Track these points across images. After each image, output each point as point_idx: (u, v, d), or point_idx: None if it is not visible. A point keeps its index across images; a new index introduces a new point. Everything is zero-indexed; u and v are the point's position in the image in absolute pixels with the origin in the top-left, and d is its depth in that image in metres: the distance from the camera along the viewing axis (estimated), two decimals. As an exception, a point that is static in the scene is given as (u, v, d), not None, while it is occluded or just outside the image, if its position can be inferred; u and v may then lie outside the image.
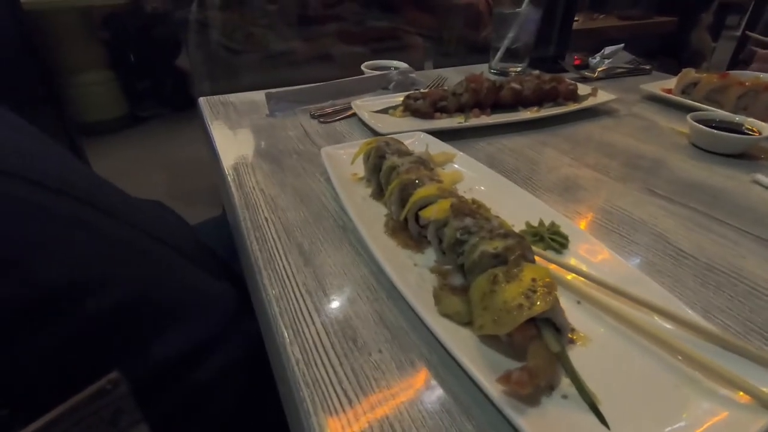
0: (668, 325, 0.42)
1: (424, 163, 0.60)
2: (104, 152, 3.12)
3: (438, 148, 0.78)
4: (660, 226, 0.63)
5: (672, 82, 1.18)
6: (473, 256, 0.43)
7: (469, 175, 0.71)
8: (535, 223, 0.58)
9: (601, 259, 0.51)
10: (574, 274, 0.49)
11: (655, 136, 0.96)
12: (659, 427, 0.34)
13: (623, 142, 0.92)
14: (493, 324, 0.38)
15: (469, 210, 0.47)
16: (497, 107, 1.01)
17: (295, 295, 0.50)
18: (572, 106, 1.04)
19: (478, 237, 0.44)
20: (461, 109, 0.99)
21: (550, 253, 0.53)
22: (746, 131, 0.85)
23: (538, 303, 0.37)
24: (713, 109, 0.98)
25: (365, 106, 1.03)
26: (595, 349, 0.41)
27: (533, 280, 0.39)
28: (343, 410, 0.37)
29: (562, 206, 0.68)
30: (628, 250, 0.58)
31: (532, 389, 0.34)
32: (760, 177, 0.74)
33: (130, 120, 3.56)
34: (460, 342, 0.40)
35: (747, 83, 1.00)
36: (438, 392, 0.39)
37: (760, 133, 0.83)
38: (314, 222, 0.63)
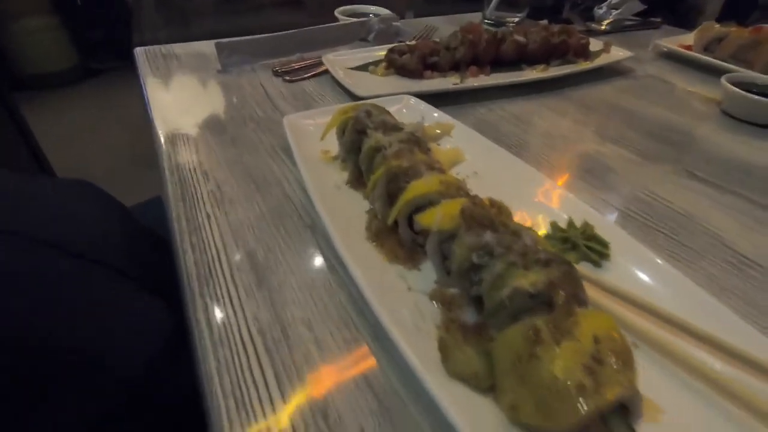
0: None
1: (418, 142, 0.45)
2: (52, 109, 2.79)
3: (431, 117, 0.62)
4: (711, 222, 0.50)
5: (689, 38, 1.03)
6: (501, 294, 0.29)
7: (470, 152, 0.56)
8: (562, 223, 0.44)
9: (658, 279, 0.38)
10: (624, 302, 0.36)
11: (679, 102, 0.82)
12: None
13: (644, 109, 0.78)
14: (537, 411, 0.25)
15: (489, 219, 0.33)
16: (497, 64, 0.85)
17: (241, 337, 0.35)
18: (584, 65, 0.88)
19: (506, 262, 0.30)
20: (456, 67, 0.82)
21: (585, 268, 0.39)
22: (789, 97, 0.72)
23: (612, 385, 0.24)
24: (743, 70, 0.85)
25: (340, 61, 0.84)
26: (671, 425, 0.29)
27: (595, 340, 0.25)
28: None
29: (588, 194, 0.54)
30: (679, 257, 0.45)
31: None
32: (812, 154, 0.62)
33: (82, 73, 3.20)
34: (483, 423, 0.27)
35: (783, 39, 0.86)
36: (450, 504, 0.26)
37: (807, 100, 0.70)
38: (272, 220, 0.48)
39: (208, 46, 0.92)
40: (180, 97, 0.75)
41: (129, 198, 0.77)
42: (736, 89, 0.72)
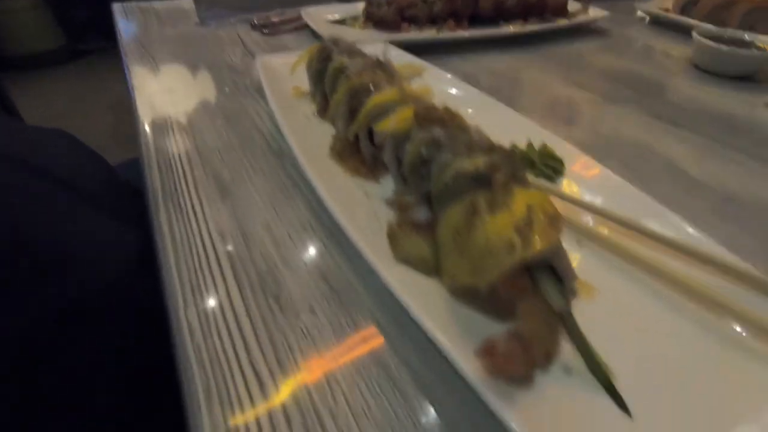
0: (697, 271, 0.32)
1: (382, 66, 0.45)
2: (38, 89, 2.75)
3: (403, 60, 0.63)
4: (666, 153, 0.52)
5: (669, 1, 1.05)
6: (444, 178, 0.31)
7: (442, 91, 0.57)
8: (522, 146, 0.46)
9: (607, 188, 0.40)
10: (573, 205, 0.37)
11: (654, 58, 0.83)
12: (699, 411, 0.24)
13: (619, 64, 0.80)
14: (471, 272, 0.27)
15: (439, 118, 0.34)
16: (475, 20, 0.86)
17: (201, 240, 0.36)
18: (561, 23, 0.89)
19: (451, 152, 0.32)
20: (433, 21, 0.83)
21: (542, 182, 0.41)
22: (757, 49, 0.74)
23: (536, 240, 0.25)
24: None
25: (319, 15, 0.85)
26: (603, 302, 0.30)
27: (528, 208, 0.27)
28: (251, 398, 0.25)
29: (552, 130, 0.56)
30: (633, 179, 0.47)
31: (526, 367, 0.23)
32: (774, 100, 0.64)
33: (68, 54, 3.15)
34: (424, 299, 0.29)
35: (756, -2, 0.88)
36: (391, 369, 0.28)
37: (773, 51, 0.72)
38: (241, 146, 0.49)
39: (187, 2, 0.92)
40: (156, 49, 0.75)
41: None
42: (706, 40, 0.73)
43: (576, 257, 0.34)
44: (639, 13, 1.04)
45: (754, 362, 0.26)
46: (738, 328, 0.28)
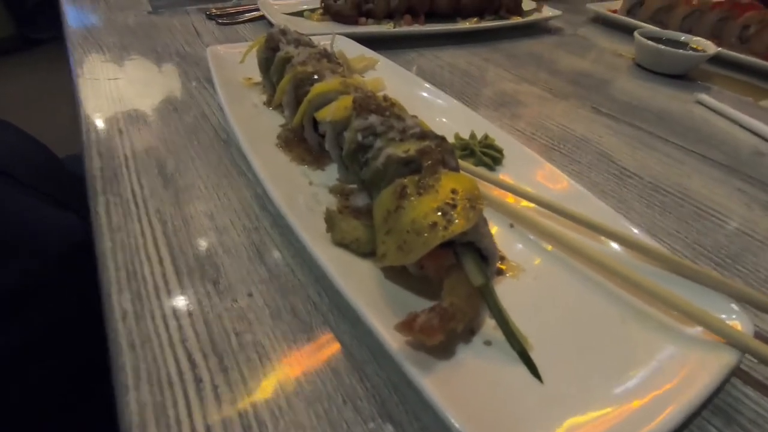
0: (614, 250, 0.34)
1: (328, 56, 0.46)
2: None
3: (357, 52, 0.64)
4: (604, 145, 0.55)
5: (618, 3, 1.10)
6: (377, 163, 0.32)
7: (394, 84, 0.58)
8: (466, 136, 0.47)
9: (541, 176, 0.42)
10: (508, 194, 0.39)
11: (600, 56, 0.87)
12: (603, 378, 0.26)
13: (567, 61, 0.83)
14: (398, 251, 0.28)
15: (377, 106, 0.35)
16: (432, 16, 0.87)
17: (140, 226, 0.36)
18: (515, 20, 0.92)
19: (386, 139, 0.33)
20: (390, 15, 0.84)
21: (482, 171, 0.43)
22: (692, 50, 0.79)
23: (458, 221, 0.26)
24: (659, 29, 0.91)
25: (275, 6, 0.84)
26: (528, 280, 0.32)
27: (453, 192, 0.28)
28: (182, 381, 0.26)
29: (498, 122, 0.58)
30: (570, 169, 0.50)
31: (444, 336, 0.25)
32: (704, 97, 0.69)
33: (19, 43, 2.97)
34: (357, 278, 0.30)
35: (694, 2, 0.93)
36: (325, 347, 0.29)
37: (705, 51, 0.77)
38: (187, 135, 0.48)
39: (139, -11, 0.89)
40: (104, 36, 0.73)
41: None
42: (644, 39, 0.77)
43: (507, 238, 0.36)
44: (590, 13, 1.09)
45: (651, 329, 0.29)
46: (646, 304, 0.31)
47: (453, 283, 0.28)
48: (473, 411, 0.23)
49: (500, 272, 0.32)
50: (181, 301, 0.30)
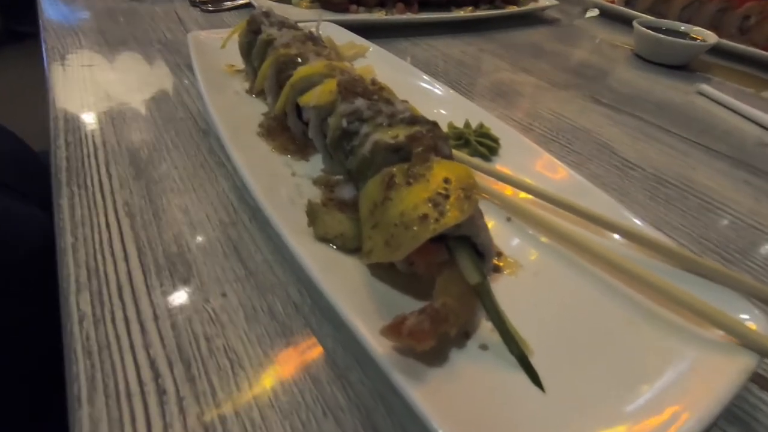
0: (618, 245, 0.32)
1: (314, 39, 0.43)
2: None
3: (346, 39, 0.61)
4: (604, 135, 0.53)
5: (616, -6, 1.07)
6: (364, 151, 0.29)
7: (385, 72, 0.56)
8: (461, 125, 0.45)
9: (540, 167, 0.39)
10: (505, 185, 0.37)
11: (598, 47, 0.85)
12: (610, 386, 0.23)
13: (565, 51, 0.81)
14: (385, 247, 0.25)
15: (363, 89, 0.32)
16: (426, 5, 0.84)
17: (106, 220, 0.33)
18: (512, 9, 0.89)
19: (373, 124, 0.30)
20: (383, 3, 0.80)
21: (477, 161, 0.40)
22: (692, 40, 0.76)
23: (451, 212, 0.24)
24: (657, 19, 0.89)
25: (263, -7, 0.81)
26: (526, 278, 0.30)
27: (446, 181, 0.26)
28: (143, 393, 0.23)
29: (495, 112, 0.55)
30: (570, 160, 0.47)
31: (436, 341, 0.22)
32: (705, 88, 0.67)
33: (5, 36, 2.91)
34: (341, 277, 0.27)
35: (693, -8, 0.91)
36: (305, 352, 0.26)
37: (705, 41, 0.75)
38: (164, 124, 0.45)
39: (120, -25, 0.85)
40: (81, 23, 0.69)
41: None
42: (643, 28, 0.75)
43: (504, 232, 0.33)
44: (587, 4, 1.06)
45: (660, 330, 0.26)
46: (653, 302, 0.28)
47: (445, 281, 0.25)
48: (467, 423, 0.21)
49: (497, 269, 0.30)
50: (145, 303, 0.27)
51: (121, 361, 0.24)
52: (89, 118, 0.45)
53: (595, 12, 1.05)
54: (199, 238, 0.32)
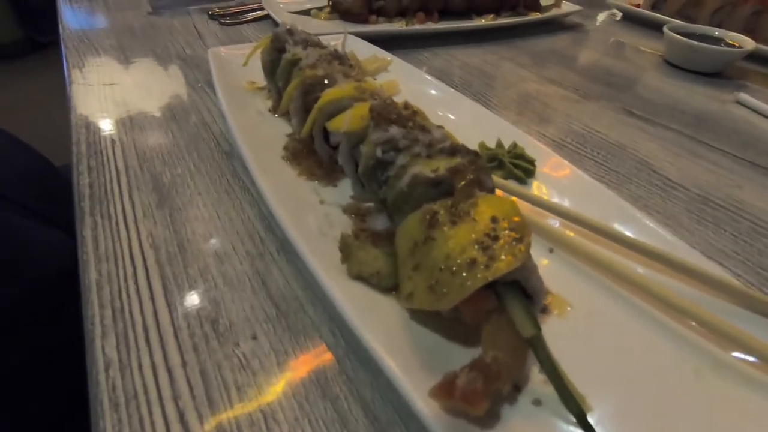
0: (677, 283, 0.30)
1: (340, 58, 0.42)
2: (-3, 83, 2.60)
3: (368, 52, 0.59)
4: (641, 151, 0.50)
5: (641, -2, 1.04)
6: (401, 183, 0.27)
7: (409, 86, 0.54)
8: (492, 144, 0.43)
9: (580, 190, 0.37)
10: (545, 211, 0.35)
11: (625, 53, 0.82)
12: (682, 446, 0.21)
13: (591, 58, 0.78)
14: (429, 292, 0.23)
15: (398, 116, 0.31)
16: (446, 14, 0.82)
17: (130, 254, 0.32)
18: (533, 16, 0.87)
19: (410, 154, 0.28)
20: (403, 13, 0.79)
21: (511, 184, 0.38)
22: (727, 46, 0.73)
23: (503, 257, 0.22)
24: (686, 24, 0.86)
25: (281, 4, 0.80)
26: (577, 320, 0.28)
27: (493, 220, 0.24)
28: (173, 449, 0.22)
29: (524, 127, 0.53)
30: (608, 180, 0.45)
31: (489, 403, 0.20)
32: (744, 96, 0.64)
33: (28, 47, 2.97)
34: (378, 320, 0.25)
35: (725, -5, 0.87)
36: (341, 403, 0.24)
37: (741, 47, 0.71)
38: (186, 146, 0.44)
39: (138, -11, 0.85)
40: (101, 39, 0.69)
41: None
42: (677, 35, 0.72)
43: (546, 266, 0.31)
44: (611, 8, 1.03)
45: (730, 380, 0.24)
46: (719, 346, 0.26)
47: (494, 329, 0.23)
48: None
49: (544, 309, 0.28)
50: (173, 347, 0.26)
51: (149, 414, 0.23)
52: (111, 142, 0.44)
53: (618, 16, 1.02)
54: (226, 272, 0.31)
